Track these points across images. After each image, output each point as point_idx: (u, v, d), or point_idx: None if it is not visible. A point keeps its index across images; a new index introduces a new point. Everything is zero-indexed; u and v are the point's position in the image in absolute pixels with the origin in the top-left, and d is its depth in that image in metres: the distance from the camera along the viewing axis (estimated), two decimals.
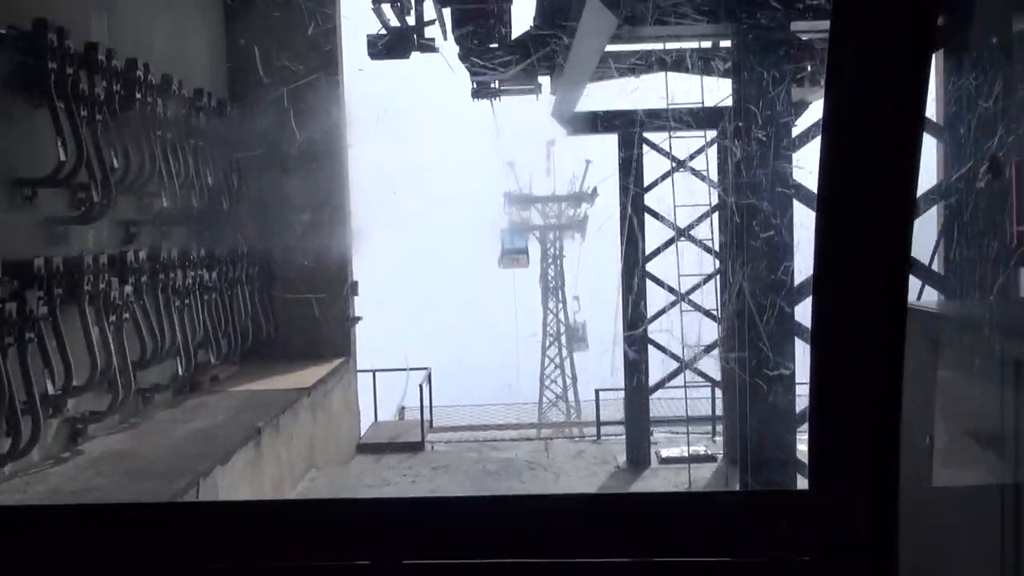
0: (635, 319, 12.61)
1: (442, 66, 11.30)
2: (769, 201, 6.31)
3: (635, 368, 12.79)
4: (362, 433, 14.59)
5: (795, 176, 6.53)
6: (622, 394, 13.46)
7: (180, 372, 10.36)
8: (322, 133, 12.46)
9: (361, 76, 13.17)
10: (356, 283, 14.16)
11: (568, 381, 37.10)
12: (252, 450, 9.52)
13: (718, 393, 13.39)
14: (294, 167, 12.67)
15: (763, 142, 6.43)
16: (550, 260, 37.35)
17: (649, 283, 12.90)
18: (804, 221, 6.60)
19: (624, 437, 13.22)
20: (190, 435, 9.25)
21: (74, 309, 7.97)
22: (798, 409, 7.07)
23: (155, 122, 9.65)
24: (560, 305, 37.61)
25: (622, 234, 12.68)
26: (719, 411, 13.43)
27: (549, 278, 37.50)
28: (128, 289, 8.84)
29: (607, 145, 12.90)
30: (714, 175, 11.96)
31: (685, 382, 12.95)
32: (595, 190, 34.24)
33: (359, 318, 14.33)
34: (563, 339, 37.46)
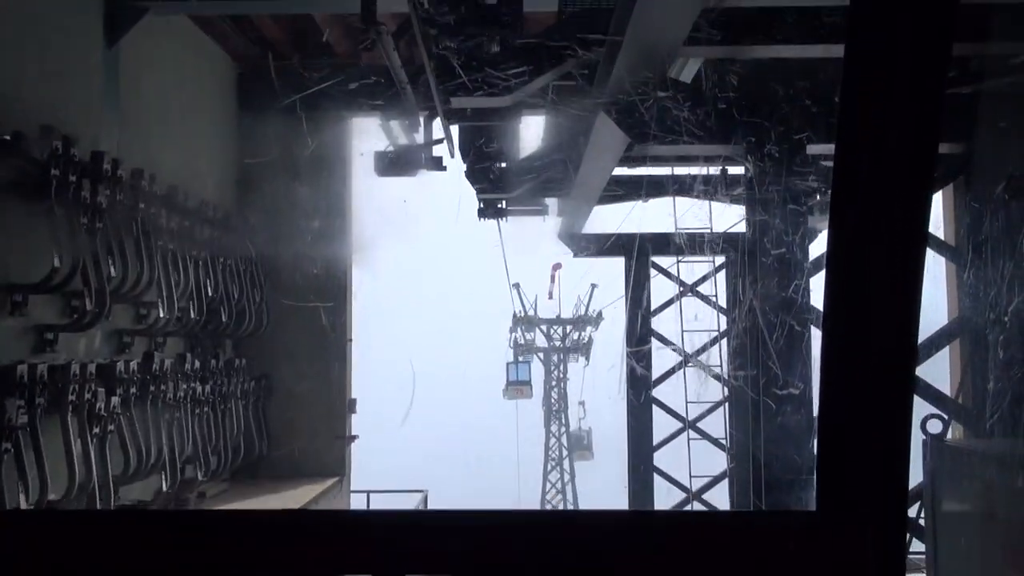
0: (641, 446, 12.23)
1: (448, 184, 11.34)
2: (785, 331, 6.10)
3: (641, 497, 12.33)
4: None
5: (812, 303, 6.35)
6: None
7: (164, 488, 9.94)
8: (328, 242, 12.53)
9: (370, 194, 13.29)
10: (354, 400, 13.85)
11: (570, 506, 36.15)
12: None
13: None
14: (298, 280, 12.64)
15: (777, 269, 6.27)
16: (553, 383, 36.99)
17: (656, 408, 12.58)
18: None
19: None
20: None
21: (56, 419, 7.66)
22: None
23: (157, 232, 9.58)
24: (562, 429, 37.03)
25: (627, 358, 12.46)
26: None
27: (552, 401, 37.07)
28: (116, 400, 8.54)
29: (614, 267, 12.85)
30: (723, 300, 11.82)
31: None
32: (600, 314, 34.18)
33: (355, 436, 13.95)
34: (565, 464, 36.72)
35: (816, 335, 6.69)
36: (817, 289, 6.87)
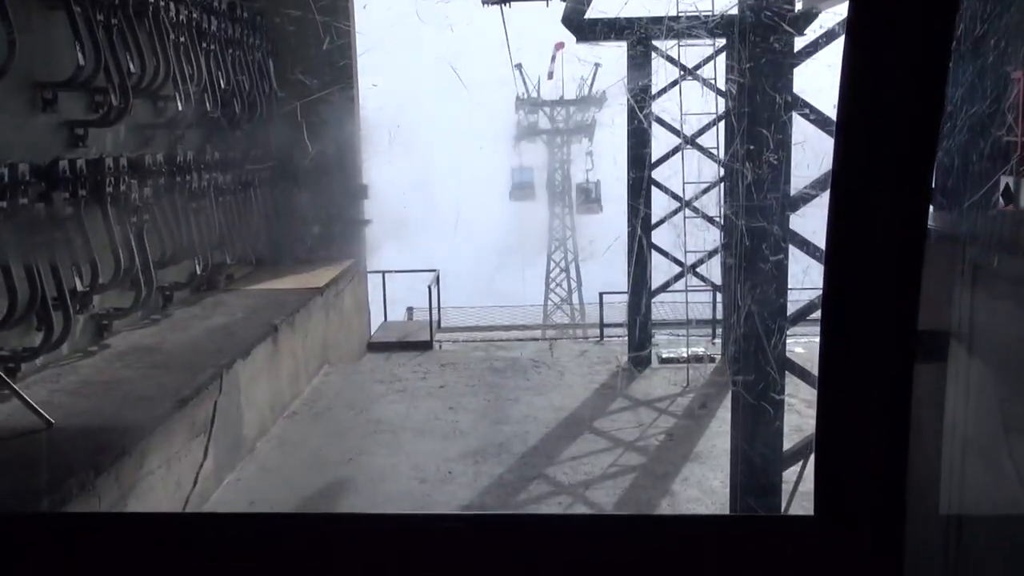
0: (640, 225, 12.85)
1: None
2: (770, 115, 6.49)
3: (638, 271, 13.08)
4: (372, 332, 15.03)
5: (795, 87, 6.69)
6: (625, 297, 13.81)
7: (197, 271, 10.70)
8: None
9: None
10: (366, 186, 14.35)
11: (573, 285, 37.52)
12: (270, 345, 9.93)
13: (719, 297, 13.75)
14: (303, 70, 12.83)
15: (765, 51, 6.58)
16: (557, 165, 37.30)
17: (655, 191, 13.12)
18: (801, 129, 6.81)
19: (626, 339, 13.64)
20: (210, 331, 9.65)
21: (97, 210, 8.25)
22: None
23: (169, 26, 9.74)
24: (566, 210, 37.71)
25: (629, 142, 12.82)
26: (719, 315, 13.84)
27: (556, 183, 37.54)
28: (148, 191, 9.10)
29: (617, 52, 12.93)
30: (722, 84, 12.04)
31: (687, 286, 13.31)
32: (604, 94, 33.91)
33: (369, 220, 14.57)
34: (569, 244, 37.70)
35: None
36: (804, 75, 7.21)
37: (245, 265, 12.49)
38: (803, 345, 10.33)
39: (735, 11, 9.11)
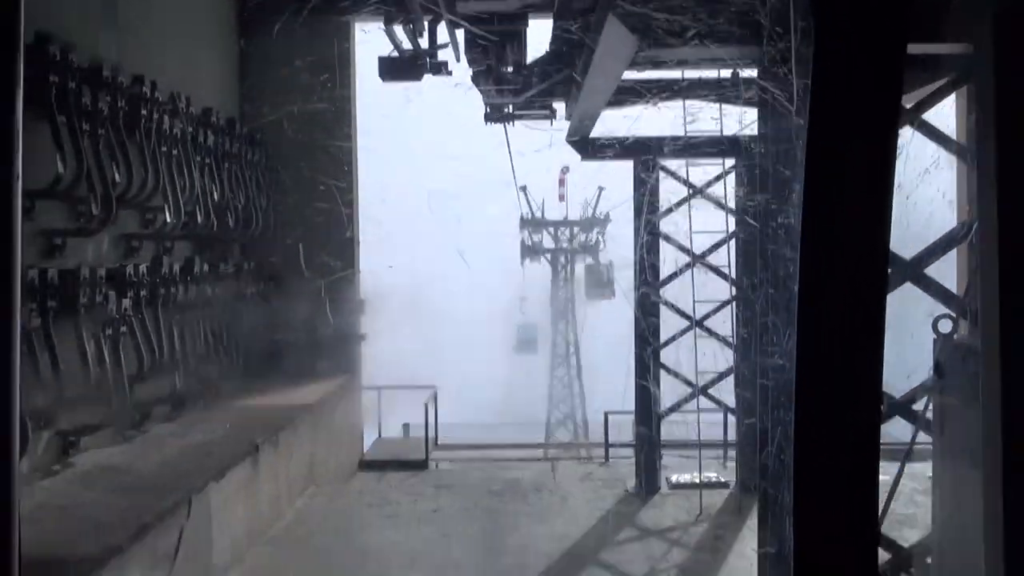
0: (649, 341, 12.36)
1: (455, 89, 11.16)
2: (791, 229, 6.08)
3: (646, 392, 12.52)
4: (365, 450, 14.41)
5: None
6: (631, 416, 13.20)
7: (178, 386, 10.20)
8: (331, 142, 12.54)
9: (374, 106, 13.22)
10: (363, 301, 14.03)
11: (576, 401, 36.87)
12: (249, 467, 9.35)
13: (731, 419, 13.08)
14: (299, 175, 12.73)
15: (787, 168, 6.22)
16: (561, 282, 37.22)
17: (664, 308, 12.68)
18: None
19: (633, 460, 12.96)
20: (185, 450, 9.10)
21: (68, 322, 7.83)
22: None
23: (161, 138, 9.56)
24: (569, 328, 37.46)
25: (636, 261, 12.46)
26: (731, 437, 13.14)
27: (559, 301, 37.39)
28: (127, 303, 8.70)
29: (622, 171, 12.72)
30: (731, 203, 11.76)
31: (698, 406, 12.66)
32: (607, 216, 33.95)
33: (365, 335, 14.18)
34: (572, 360, 37.29)
35: None
36: None
37: (232, 380, 11.98)
38: None
39: (747, 131, 8.87)
